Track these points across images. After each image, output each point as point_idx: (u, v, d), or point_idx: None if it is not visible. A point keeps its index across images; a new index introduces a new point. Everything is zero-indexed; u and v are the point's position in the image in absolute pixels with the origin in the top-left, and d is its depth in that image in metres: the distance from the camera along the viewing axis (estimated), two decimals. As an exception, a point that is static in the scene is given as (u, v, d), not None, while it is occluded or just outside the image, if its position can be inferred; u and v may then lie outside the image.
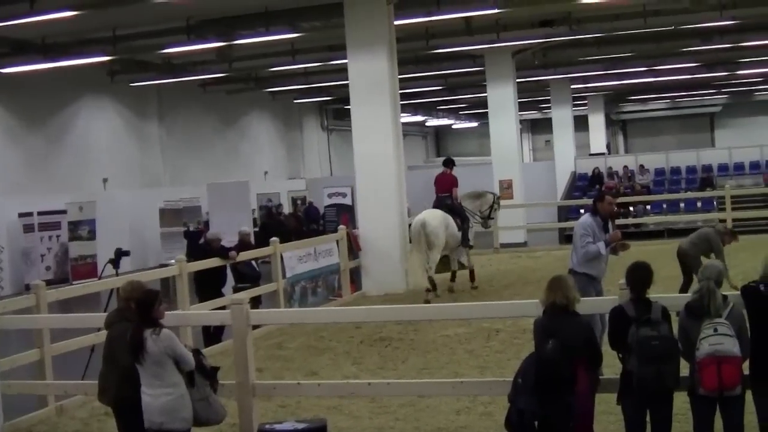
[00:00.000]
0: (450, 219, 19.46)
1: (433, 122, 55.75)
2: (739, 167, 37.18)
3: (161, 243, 29.84)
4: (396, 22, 20.80)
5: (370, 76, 20.36)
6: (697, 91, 53.90)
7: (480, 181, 33.99)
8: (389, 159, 20.41)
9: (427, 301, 17.83)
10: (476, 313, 11.24)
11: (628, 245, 11.61)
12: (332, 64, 28.77)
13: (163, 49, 25.02)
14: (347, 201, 22.69)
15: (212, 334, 15.39)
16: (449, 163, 20.63)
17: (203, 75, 32.19)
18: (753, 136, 50.72)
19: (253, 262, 17.25)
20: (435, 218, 19.23)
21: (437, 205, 19.94)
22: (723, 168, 37.48)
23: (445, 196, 20.12)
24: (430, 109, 51.74)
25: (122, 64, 28.38)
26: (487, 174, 32.40)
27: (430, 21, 23.24)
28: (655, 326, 7.55)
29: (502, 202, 28.79)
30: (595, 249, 10.94)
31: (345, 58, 21.15)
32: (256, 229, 28.46)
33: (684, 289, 14.47)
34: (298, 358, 13.88)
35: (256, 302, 15.59)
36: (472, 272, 20.23)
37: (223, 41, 24.30)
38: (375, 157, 20.38)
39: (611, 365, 8.55)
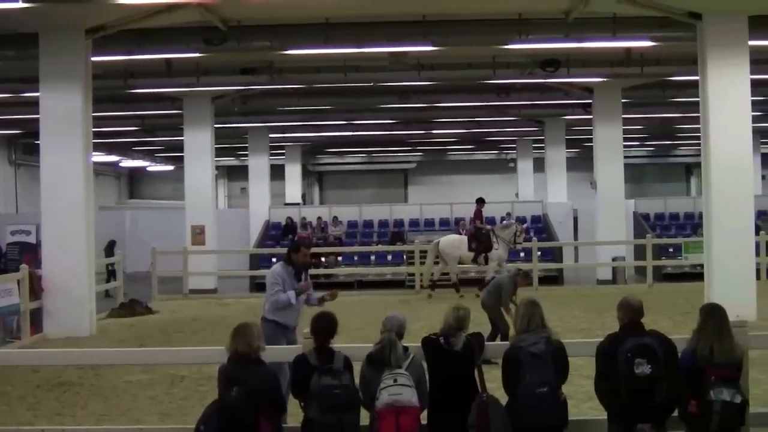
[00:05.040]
0: (464, 242, 26.28)
1: (127, 163, 54.74)
2: (429, 223, 38.52)
3: None
4: (94, 59, 20.30)
5: (63, 111, 19.68)
6: (393, 148, 55.85)
7: (172, 226, 33.70)
8: (78, 198, 19.78)
9: (429, 295, 25.60)
10: (160, 358, 11.03)
11: (336, 293, 11.67)
12: (24, 97, 27.60)
13: None
14: (31, 239, 21.76)
15: None
16: (480, 201, 27.29)
17: None
18: (444, 193, 53.11)
19: None
20: (446, 241, 26.66)
21: (469, 230, 27.67)
22: (414, 223, 38.74)
23: (473, 225, 27.21)
24: (124, 150, 50.71)
25: None
26: (180, 218, 32.01)
27: (131, 60, 22.86)
28: (337, 375, 7.67)
29: (195, 248, 28.83)
30: (285, 298, 10.94)
31: (38, 91, 20.33)
32: (-71, 266, 26.76)
33: (491, 338, 14.12)
34: (-32, 404, 13.11)
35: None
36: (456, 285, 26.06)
37: None
38: (63, 196, 19.70)
39: (294, 414, 8.57)
